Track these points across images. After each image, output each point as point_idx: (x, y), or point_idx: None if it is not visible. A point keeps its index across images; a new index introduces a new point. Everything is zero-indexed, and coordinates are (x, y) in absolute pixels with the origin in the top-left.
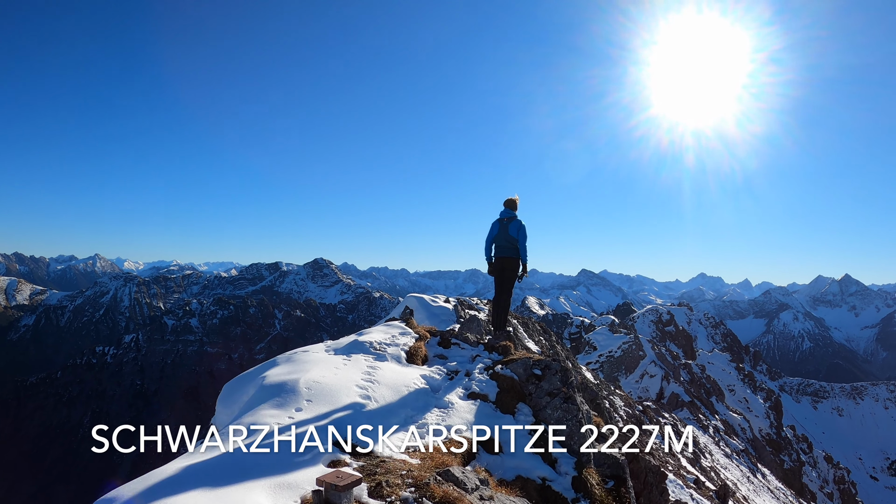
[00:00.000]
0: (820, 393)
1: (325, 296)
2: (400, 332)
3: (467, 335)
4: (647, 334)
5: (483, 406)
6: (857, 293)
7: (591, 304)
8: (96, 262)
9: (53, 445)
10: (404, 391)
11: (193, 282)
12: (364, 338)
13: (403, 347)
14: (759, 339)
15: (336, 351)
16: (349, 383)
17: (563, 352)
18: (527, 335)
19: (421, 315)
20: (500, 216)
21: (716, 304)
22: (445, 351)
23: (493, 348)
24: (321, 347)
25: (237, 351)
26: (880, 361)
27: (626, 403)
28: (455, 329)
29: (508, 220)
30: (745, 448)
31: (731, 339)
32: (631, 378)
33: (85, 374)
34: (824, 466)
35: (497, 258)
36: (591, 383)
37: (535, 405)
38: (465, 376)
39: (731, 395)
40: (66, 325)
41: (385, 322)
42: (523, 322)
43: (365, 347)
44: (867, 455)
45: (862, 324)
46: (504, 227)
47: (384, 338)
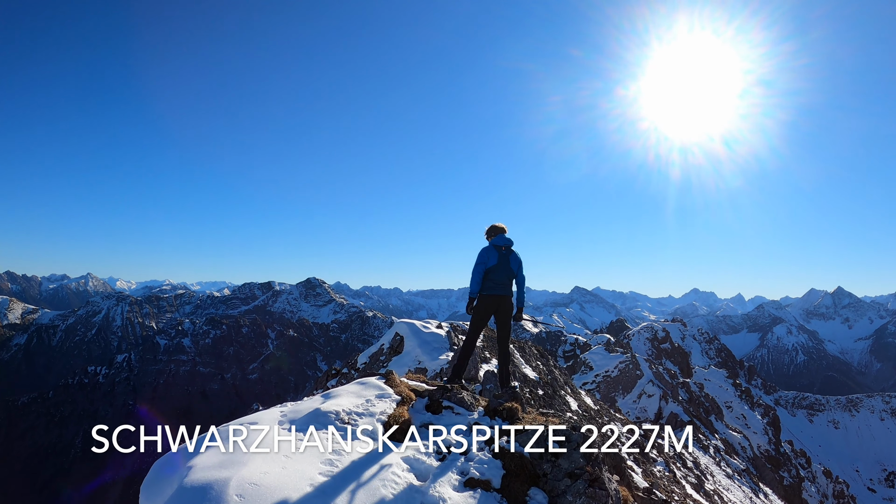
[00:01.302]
0: (815, 406)
1: (318, 315)
2: (377, 394)
3: (462, 395)
4: (643, 352)
5: (485, 498)
6: (850, 305)
7: (584, 322)
8: (88, 282)
9: (45, 465)
10: (379, 490)
11: (186, 301)
12: (330, 405)
13: (380, 417)
14: (753, 354)
15: (293, 422)
16: (301, 483)
17: (560, 376)
18: (523, 360)
19: (412, 342)
20: (496, 243)
21: (709, 320)
22: (435, 418)
23: (495, 412)
24: (274, 416)
25: (230, 371)
26: (874, 373)
27: (628, 430)
28: (444, 371)
29: (507, 249)
30: (746, 468)
31: (725, 353)
32: (629, 398)
33: (77, 394)
34: (823, 481)
35: (491, 296)
36: (591, 408)
37: (551, 490)
38: (460, 455)
39: (729, 412)
40: (58, 344)
41: (359, 380)
42: (519, 346)
43: (329, 419)
44: (864, 467)
45: (855, 336)
46: (504, 257)
47: (356, 404)
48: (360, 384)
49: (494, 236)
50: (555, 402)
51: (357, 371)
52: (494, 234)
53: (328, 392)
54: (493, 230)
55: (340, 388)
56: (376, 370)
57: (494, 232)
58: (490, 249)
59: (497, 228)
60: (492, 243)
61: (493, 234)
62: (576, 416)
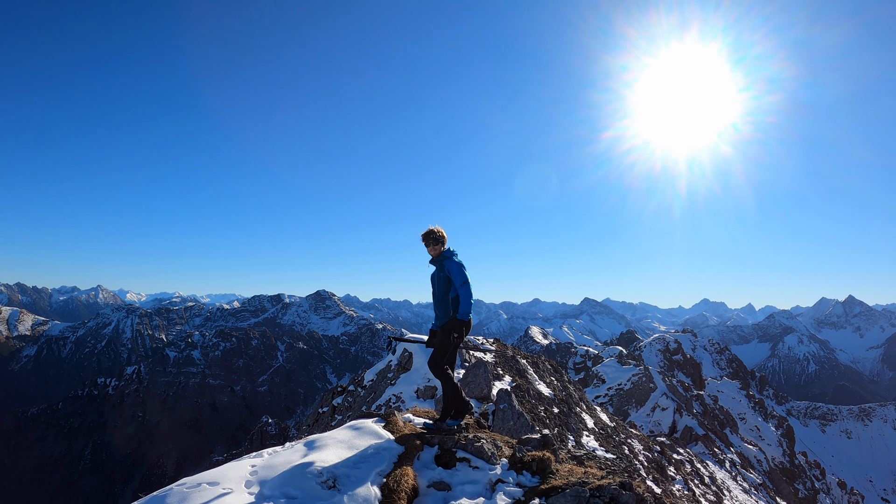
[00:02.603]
0: (828, 416)
1: (328, 328)
2: (374, 443)
3: (481, 444)
4: (655, 364)
5: None
6: (862, 314)
7: (594, 333)
8: (98, 294)
9: (54, 477)
10: None
11: (196, 314)
12: (314, 458)
13: (377, 480)
14: (764, 364)
15: (262, 483)
16: None
17: (575, 392)
18: (537, 377)
19: (420, 359)
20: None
21: (720, 330)
22: (448, 474)
23: (522, 464)
24: (242, 472)
25: (240, 383)
26: (887, 381)
27: (645, 446)
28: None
29: (435, 263)
30: (762, 482)
31: (736, 364)
32: (642, 411)
33: (86, 406)
34: (838, 493)
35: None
36: (608, 425)
37: None
38: None
39: (743, 424)
40: (67, 356)
41: (352, 424)
42: (532, 362)
43: (308, 483)
44: (878, 477)
45: (867, 344)
46: (434, 279)
47: (345, 456)
48: (354, 429)
49: (444, 248)
50: (570, 419)
51: (364, 388)
52: (440, 246)
53: (312, 439)
54: (436, 239)
55: (328, 434)
56: (383, 387)
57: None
58: None
59: (424, 236)
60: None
61: (438, 245)
62: (592, 433)
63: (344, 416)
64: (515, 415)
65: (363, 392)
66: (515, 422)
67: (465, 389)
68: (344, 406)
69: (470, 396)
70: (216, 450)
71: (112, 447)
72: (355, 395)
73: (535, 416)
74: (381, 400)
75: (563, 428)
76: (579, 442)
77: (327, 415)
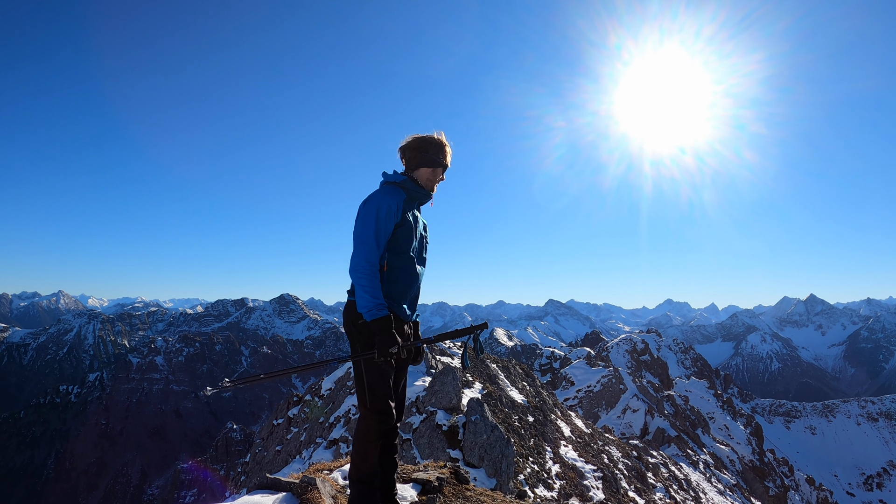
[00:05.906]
0: (792, 413)
1: (293, 332)
2: None
3: None
4: (623, 365)
5: None
6: (823, 312)
7: (559, 334)
8: (60, 299)
9: (17, 487)
10: None
11: (159, 319)
12: None
13: None
14: (728, 362)
15: None
16: None
17: (549, 398)
18: (509, 382)
19: None
20: (411, 189)
21: (684, 330)
22: None
23: None
24: None
25: (204, 389)
26: (849, 378)
27: (623, 453)
28: (420, 400)
29: None
30: (736, 482)
31: (701, 363)
32: (612, 413)
33: (49, 414)
34: (807, 489)
35: (397, 317)
36: (585, 433)
37: None
38: None
39: (712, 424)
40: (29, 363)
41: (257, 490)
42: (503, 366)
43: None
44: (842, 472)
45: (829, 342)
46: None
47: None
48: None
49: (426, 160)
50: (546, 428)
51: (321, 398)
52: (426, 158)
53: None
54: (427, 146)
55: None
56: (342, 396)
57: (430, 150)
58: (395, 196)
59: (434, 143)
60: (404, 186)
61: (422, 156)
62: (570, 443)
63: (300, 428)
64: (489, 427)
65: (320, 402)
66: (489, 435)
67: (433, 399)
68: (300, 417)
69: (438, 407)
70: (181, 457)
71: (76, 456)
72: (312, 405)
73: (509, 427)
74: (340, 411)
75: (540, 438)
76: (557, 453)
77: (282, 427)
